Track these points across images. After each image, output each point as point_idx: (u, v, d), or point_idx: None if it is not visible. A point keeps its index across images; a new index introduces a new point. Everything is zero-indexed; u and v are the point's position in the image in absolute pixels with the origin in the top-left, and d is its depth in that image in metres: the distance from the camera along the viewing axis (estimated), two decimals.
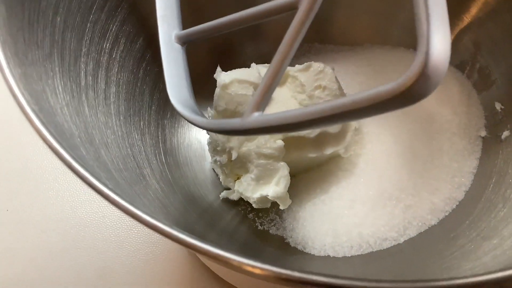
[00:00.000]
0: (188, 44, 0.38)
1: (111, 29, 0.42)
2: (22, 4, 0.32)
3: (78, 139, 0.33)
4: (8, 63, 0.28)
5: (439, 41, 0.19)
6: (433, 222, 0.42)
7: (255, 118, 0.28)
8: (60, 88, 0.34)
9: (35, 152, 0.55)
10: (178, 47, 0.37)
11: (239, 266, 0.23)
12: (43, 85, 0.32)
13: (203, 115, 0.35)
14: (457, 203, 0.43)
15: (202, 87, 0.47)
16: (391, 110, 0.21)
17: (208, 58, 0.50)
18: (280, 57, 0.28)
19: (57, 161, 0.26)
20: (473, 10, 0.46)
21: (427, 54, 0.19)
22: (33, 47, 0.33)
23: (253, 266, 0.23)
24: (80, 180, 0.25)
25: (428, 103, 0.46)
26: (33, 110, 0.27)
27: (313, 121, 0.24)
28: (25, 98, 0.27)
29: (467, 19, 0.47)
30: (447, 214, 0.43)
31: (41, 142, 0.25)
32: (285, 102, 0.44)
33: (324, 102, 0.24)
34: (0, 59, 0.28)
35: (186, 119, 0.35)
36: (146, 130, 0.44)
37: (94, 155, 0.33)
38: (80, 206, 0.52)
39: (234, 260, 0.23)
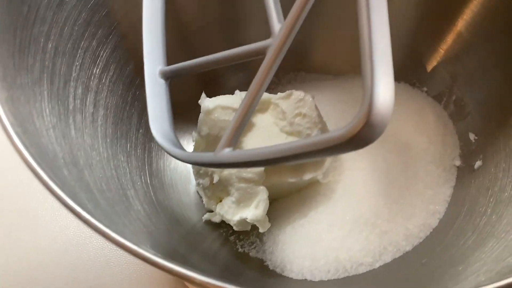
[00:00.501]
0: (172, 79, 0.40)
1: (102, 55, 0.44)
2: (14, 31, 0.34)
3: (62, 160, 0.34)
4: None
5: (382, 94, 0.20)
6: (408, 248, 0.44)
7: (226, 153, 0.31)
8: (47, 111, 0.36)
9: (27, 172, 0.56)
10: (162, 82, 0.40)
11: None
12: (30, 108, 0.33)
13: (181, 148, 0.37)
14: (431, 230, 0.44)
15: (189, 112, 0.49)
16: (342, 153, 0.24)
17: (195, 85, 0.51)
18: (249, 99, 0.31)
19: None
20: (449, 42, 0.48)
21: (370, 106, 0.20)
22: (22, 72, 0.34)
23: None
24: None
25: (405, 132, 0.48)
26: (16, 132, 0.28)
27: (276, 159, 0.27)
28: (9, 120, 0.28)
29: (443, 51, 0.49)
30: (421, 240, 0.44)
31: None
32: (267, 128, 0.45)
33: (286, 144, 0.26)
34: None
35: (165, 151, 0.37)
36: (133, 152, 0.45)
37: (76, 176, 0.35)
38: (69, 226, 0.53)
39: (213, 284, 0.25)
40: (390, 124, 0.47)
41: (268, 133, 0.44)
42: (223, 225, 0.47)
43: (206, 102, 0.44)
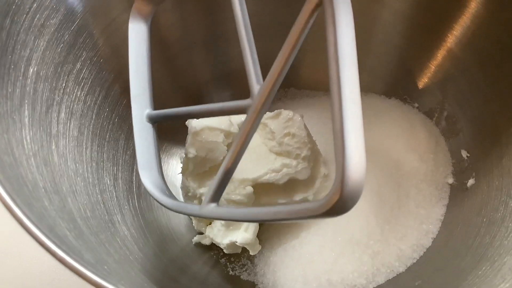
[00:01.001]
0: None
1: (86, 78, 0.43)
2: None
3: (43, 190, 0.33)
4: None
5: (353, 171, 0.22)
6: (401, 269, 0.43)
7: (211, 209, 0.33)
8: (28, 138, 0.35)
9: None
10: (149, 126, 0.41)
11: None
12: (9, 137, 0.33)
13: (171, 195, 0.39)
14: (425, 250, 0.43)
15: (176, 133, 0.48)
16: (318, 219, 0.25)
17: (182, 104, 0.51)
18: (232, 156, 0.32)
19: None
20: (440, 58, 0.47)
21: (342, 182, 0.22)
22: (1, 100, 0.34)
23: None
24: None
25: (396, 149, 0.47)
26: None
27: (257, 220, 0.34)
28: None
29: (434, 67, 0.48)
30: (414, 261, 0.43)
31: None
32: (256, 149, 0.44)
33: (266, 208, 0.29)
34: None
35: (155, 199, 0.39)
36: (120, 175, 0.45)
37: (58, 205, 0.34)
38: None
39: None
40: (381, 141, 0.46)
41: (257, 154, 0.44)
42: (213, 247, 0.47)
43: (193, 123, 0.43)
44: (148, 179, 0.39)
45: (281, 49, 0.28)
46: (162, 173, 0.40)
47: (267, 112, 0.45)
